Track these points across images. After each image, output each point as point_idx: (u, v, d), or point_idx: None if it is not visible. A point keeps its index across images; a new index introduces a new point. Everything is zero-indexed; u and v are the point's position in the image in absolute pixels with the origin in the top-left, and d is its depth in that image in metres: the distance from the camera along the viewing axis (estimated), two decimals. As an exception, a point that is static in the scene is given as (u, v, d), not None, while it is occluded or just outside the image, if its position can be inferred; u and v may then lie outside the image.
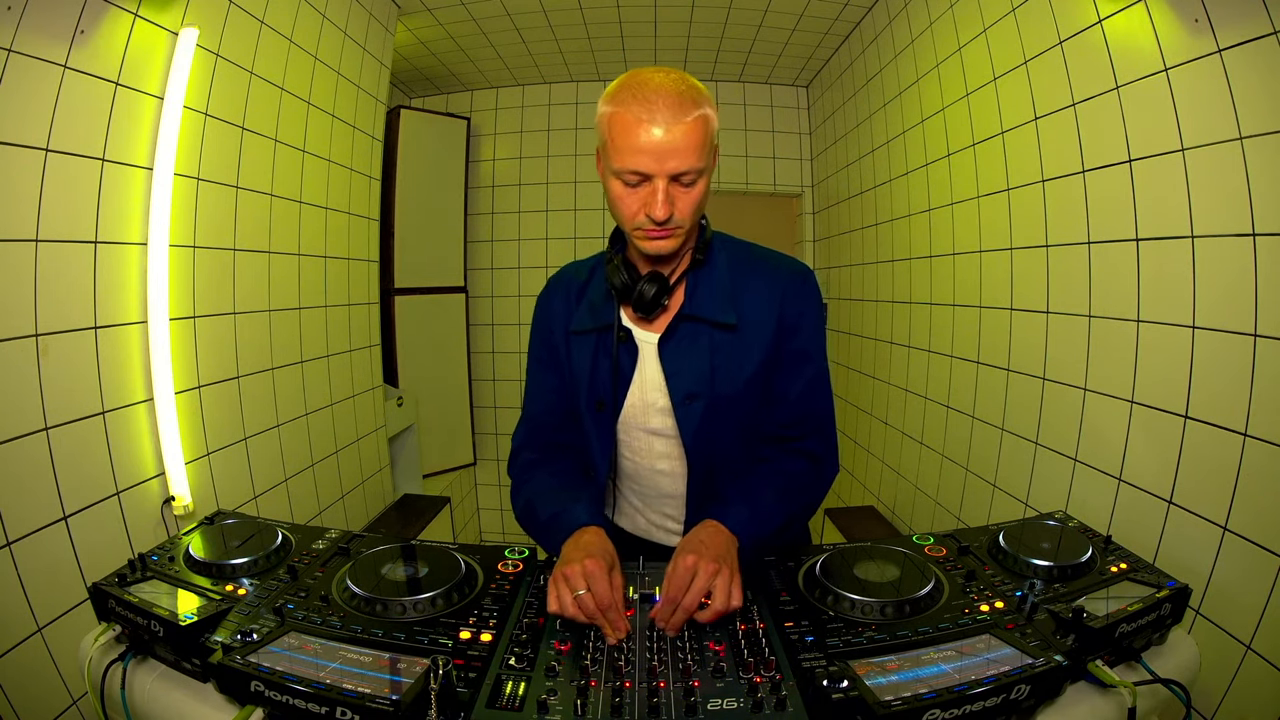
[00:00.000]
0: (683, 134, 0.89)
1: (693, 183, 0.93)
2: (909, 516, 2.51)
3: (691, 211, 0.96)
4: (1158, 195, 1.34)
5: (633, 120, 0.89)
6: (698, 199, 0.95)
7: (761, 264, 1.08)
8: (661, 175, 0.91)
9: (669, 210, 0.92)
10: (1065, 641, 0.80)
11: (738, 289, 1.05)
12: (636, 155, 0.90)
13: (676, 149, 0.89)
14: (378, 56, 2.61)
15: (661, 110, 0.88)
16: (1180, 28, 1.25)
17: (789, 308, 1.04)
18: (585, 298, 1.12)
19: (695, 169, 0.91)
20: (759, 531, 0.96)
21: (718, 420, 1.04)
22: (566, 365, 1.13)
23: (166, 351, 1.55)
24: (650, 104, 0.89)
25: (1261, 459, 1.14)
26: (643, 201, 0.93)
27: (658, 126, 0.88)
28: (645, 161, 0.90)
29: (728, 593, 0.85)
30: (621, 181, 0.94)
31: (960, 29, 2.04)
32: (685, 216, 0.95)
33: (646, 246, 0.98)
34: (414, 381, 3.32)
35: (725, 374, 1.03)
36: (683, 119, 0.89)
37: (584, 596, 0.84)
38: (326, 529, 1.15)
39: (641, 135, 0.89)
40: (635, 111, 0.89)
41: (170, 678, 0.85)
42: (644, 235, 0.97)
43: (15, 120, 1.22)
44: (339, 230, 2.42)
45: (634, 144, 0.90)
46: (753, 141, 3.71)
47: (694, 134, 0.90)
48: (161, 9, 1.50)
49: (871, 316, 2.92)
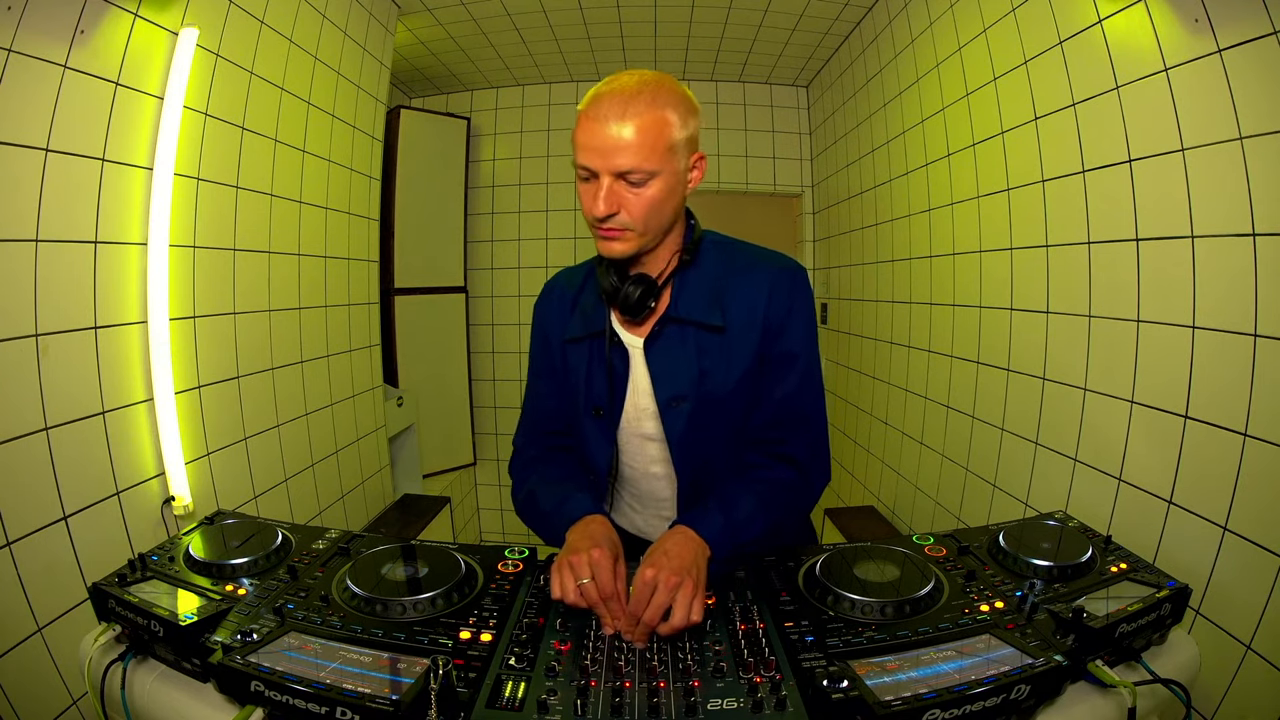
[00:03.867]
0: (631, 132, 0.88)
1: (642, 183, 0.91)
2: (909, 516, 2.51)
3: (643, 214, 0.93)
4: (1158, 195, 1.34)
5: (587, 115, 0.90)
6: (650, 201, 0.92)
7: (750, 263, 1.05)
8: (605, 172, 0.90)
9: (606, 208, 0.91)
10: (1065, 641, 0.80)
11: (726, 289, 1.02)
12: (585, 150, 0.91)
13: (621, 146, 0.88)
14: (378, 56, 2.61)
15: (615, 107, 0.88)
16: (1180, 28, 1.25)
17: (775, 308, 1.02)
18: (579, 305, 1.11)
19: (644, 170, 0.89)
20: (734, 539, 0.93)
21: (706, 423, 1.03)
22: (563, 373, 1.13)
23: (166, 351, 1.55)
24: (605, 101, 0.89)
25: (1261, 459, 1.14)
26: (591, 199, 0.92)
27: (606, 124, 0.88)
28: (591, 157, 0.90)
29: (687, 608, 0.82)
30: (579, 177, 0.94)
31: (960, 29, 2.04)
32: (635, 219, 0.93)
33: (601, 249, 0.98)
34: (414, 381, 3.32)
35: (713, 376, 1.01)
36: (631, 118, 0.88)
37: (587, 585, 0.84)
38: (326, 529, 1.15)
39: (591, 131, 0.89)
40: (592, 107, 0.90)
41: (170, 678, 0.85)
42: (597, 235, 0.96)
43: (15, 120, 1.22)
44: (339, 230, 2.42)
45: (584, 140, 0.90)
46: (753, 141, 3.71)
47: (644, 133, 0.88)
48: (161, 9, 1.50)
49: (871, 316, 2.92)
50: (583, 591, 0.84)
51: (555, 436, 1.17)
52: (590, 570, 0.85)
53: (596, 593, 0.84)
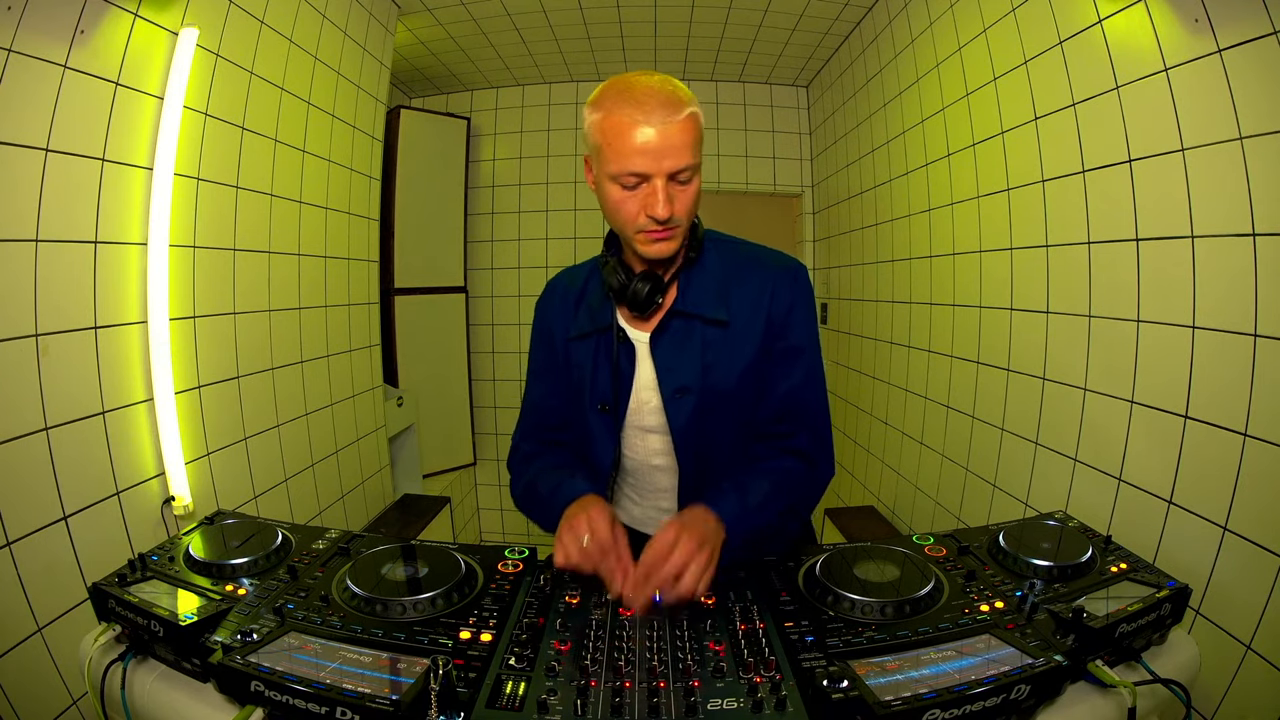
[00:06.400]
0: (677, 131, 0.90)
1: (689, 180, 0.94)
2: (909, 516, 2.51)
3: (689, 209, 0.97)
4: (1158, 195, 1.34)
5: (627, 122, 0.89)
6: (694, 196, 0.96)
7: (752, 261, 1.08)
8: (660, 175, 0.91)
9: (670, 209, 0.92)
10: (1065, 641, 0.80)
11: (729, 286, 1.05)
12: (634, 157, 0.90)
13: (673, 147, 0.90)
14: (378, 56, 2.61)
15: (655, 110, 0.89)
16: (1180, 28, 1.25)
17: (778, 305, 1.05)
18: (583, 302, 1.13)
19: (690, 166, 0.92)
20: (747, 524, 0.95)
21: (709, 415, 1.05)
22: (566, 370, 1.14)
23: (166, 351, 1.55)
24: (643, 105, 0.89)
25: (1261, 459, 1.14)
26: (642, 203, 0.93)
27: (652, 126, 0.89)
28: (643, 162, 0.90)
29: (698, 577, 0.83)
30: (619, 185, 0.93)
31: (960, 29, 2.04)
32: (683, 214, 0.96)
33: (649, 250, 0.98)
34: (414, 381, 3.32)
35: (718, 369, 1.04)
36: (675, 117, 0.90)
37: (589, 545, 0.86)
38: (326, 529, 1.15)
39: (637, 136, 0.89)
40: (629, 113, 0.89)
41: (170, 678, 0.85)
42: (646, 239, 0.97)
43: (15, 120, 1.22)
44: (339, 230, 2.42)
45: (630, 145, 0.89)
46: (753, 141, 3.71)
47: (687, 131, 0.91)
48: (161, 9, 1.50)
49: (871, 316, 2.92)
50: (585, 553, 0.85)
51: (554, 433, 1.20)
52: (588, 528, 0.87)
53: (598, 550, 0.85)
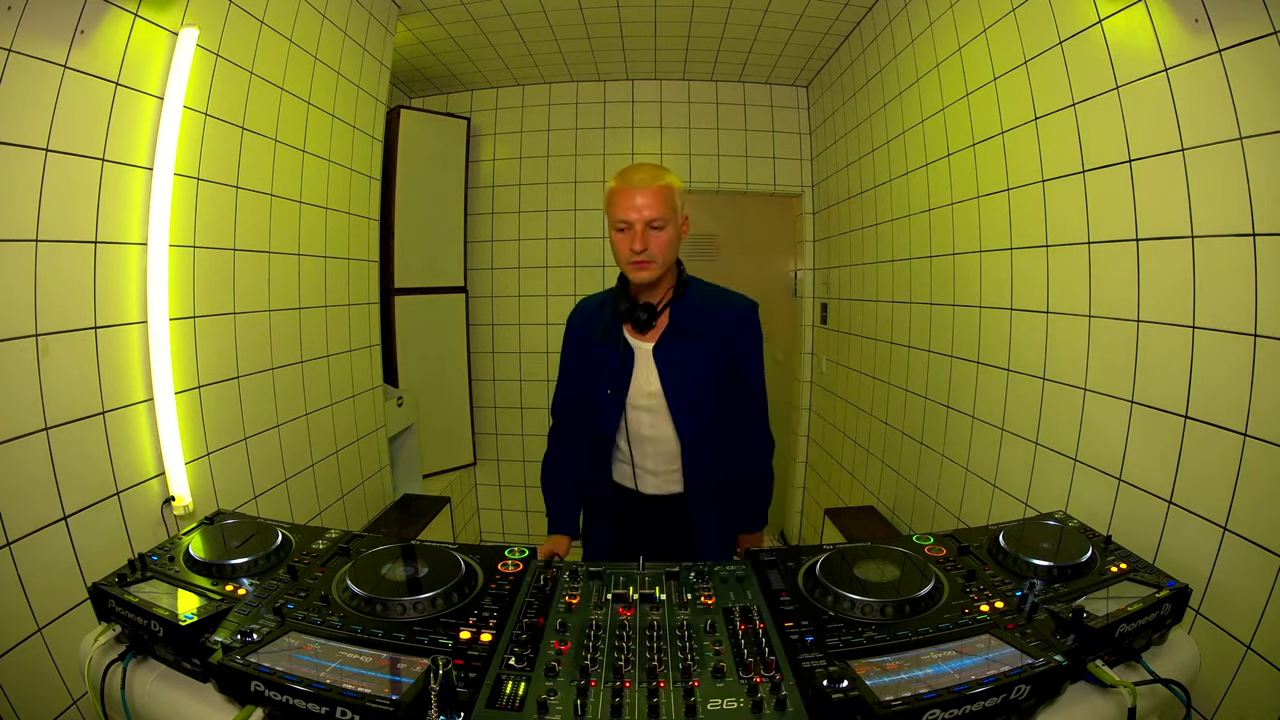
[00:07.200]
0: (651, 195, 1.41)
1: (661, 228, 1.42)
2: (909, 516, 2.51)
3: (663, 249, 1.43)
4: (1158, 195, 1.34)
5: (622, 191, 1.43)
6: (666, 240, 1.44)
7: (717, 301, 1.57)
8: (639, 222, 1.41)
9: (642, 245, 1.41)
10: (1065, 641, 0.80)
11: (705, 315, 1.53)
12: (624, 209, 1.42)
13: (648, 204, 1.41)
14: (378, 56, 2.61)
15: (638, 184, 1.42)
16: (1180, 28, 1.25)
17: (740, 341, 1.55)
18: (600, 320, 1.60)
19: (661, 218, 1.42)
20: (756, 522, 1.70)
21: (693, 394, 1.54)
22: (588, 366, 1.62)
23: (166, 351, 1.55)
24: (631, 180, 1.43)
25: (1261, 459, 1.14)
26: (629, 242, 1.42)
27: (638, 191, 1.41)
28: (629, 213, 1.41)
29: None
30: (616, 230, 1.45)
31: (960, 29, 2.04)
32: (658, 252, 1.43)
33: (634, 275, 1.46)
34: (414, 381, 3.32)
35: (698, 368, 1.53)
36: (651, 185, 1.41)
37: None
38: (326, 529, 1.15)
39: (625, 200, 1.42)
40: (624, 187, 1.43)
41: (170, 678, 0.85)
42: (632, 266, 1.45)
43: (15, 120, 1.22)
44: (339, 230, 2.42)
45: (623, 203, 1.42)
46: (753, 141, 3.71)
47: (659, 195, 1.41)
48: (161, 9, 1.51)
49: (871, 316, 2.92)
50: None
51: (576, 414, 1.67)
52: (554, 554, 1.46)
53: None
